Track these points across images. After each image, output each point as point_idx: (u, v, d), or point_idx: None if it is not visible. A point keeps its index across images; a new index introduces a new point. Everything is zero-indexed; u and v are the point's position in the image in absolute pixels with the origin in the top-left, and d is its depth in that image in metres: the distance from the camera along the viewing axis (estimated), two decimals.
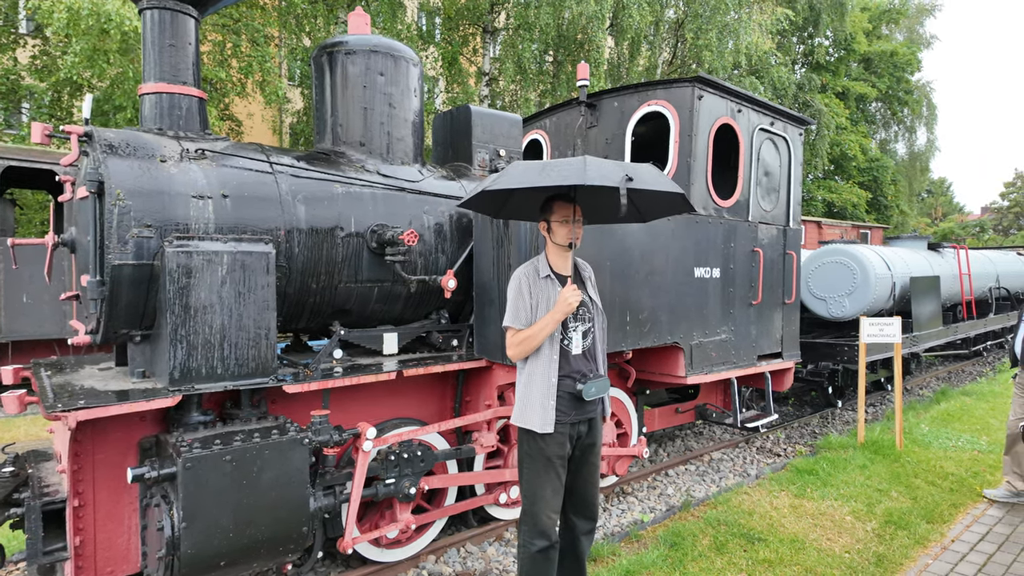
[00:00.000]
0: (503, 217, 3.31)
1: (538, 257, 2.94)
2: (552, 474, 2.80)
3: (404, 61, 4.12)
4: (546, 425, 2.75)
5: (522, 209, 3.22)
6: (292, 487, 2.99)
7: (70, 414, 2.61)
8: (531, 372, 2.83)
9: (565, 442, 2.82)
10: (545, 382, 2.78)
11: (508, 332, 2.85)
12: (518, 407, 2.87)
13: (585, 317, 2.89)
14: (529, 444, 2.83)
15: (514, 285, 2.85)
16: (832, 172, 26.98)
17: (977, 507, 4.74)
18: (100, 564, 2.96)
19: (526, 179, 2.59)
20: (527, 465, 2.84)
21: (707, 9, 15.42)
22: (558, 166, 2.58)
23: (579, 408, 2.84)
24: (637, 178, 2.53)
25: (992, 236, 40.51)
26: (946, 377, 11.35)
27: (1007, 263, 12.96)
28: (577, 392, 2.79)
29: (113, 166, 2.95)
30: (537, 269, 2.88)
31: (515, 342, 2.81)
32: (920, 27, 31.27)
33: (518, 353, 2.82)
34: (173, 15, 3.37)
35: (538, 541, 2.79)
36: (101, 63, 10.15)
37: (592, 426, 2.92)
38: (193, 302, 2.86)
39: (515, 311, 2.81)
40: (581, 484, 2.94)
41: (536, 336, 2.75)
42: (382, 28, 13.50)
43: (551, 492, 2.81)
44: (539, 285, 2.83)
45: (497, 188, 2.67)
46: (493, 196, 3.03)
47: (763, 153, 5.64)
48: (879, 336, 6.15)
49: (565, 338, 2.83)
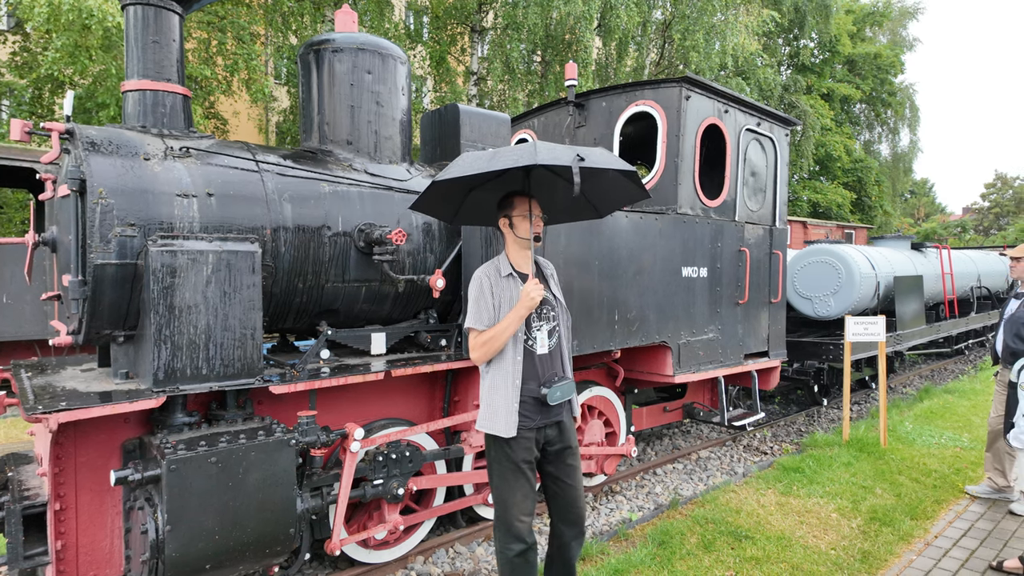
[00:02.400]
0: (459, 223, 3.22)
1: (498, 257, 2.88)
2: (521, 479, 2.76)
3: (392, 59, 4.09)
4: (510, 429, 2.70)
5: (477, 212, 3.15)
6: (279, 489, 2.96)
7: (51, 416, 2.56)
8: (495, 375, 2.77)
9: (532, 446, 2.78)
10: (509, 385, 2.72)
11: (470, 334, 2.78)
12: (483, 412, 2.81)
13: (549, 316, 2.84)
14: (496, 450, 2.78)
15: (475, 285, 2.78)
16: (817, 173, 27.27)
17: (959, 503, 4.80)
18: (82, 568, 2.91)
19: (477, 166, 2.52)
20: (495, 471, 2.80)
21: (694, 10, 15.53)
22: (509, 151, 2.53)
23: (544, 412, 2.79)
24: (589, 158, 2.49)
25: (973, 236, 41.16)
26: (929, 375, 11.51)
27: (988, 263, 13.17)
28: (542, 396, 2.74)
29: (95, 164, 2.90)
30: (498, 268, 2.82)
31: (478, 344, 2.73)
32: (903, 30, 31.70)
33: (482, 355, 2.75)
34: (156, 11, 3.32)
35: (514, 545, 2.75)
36: (83, 59, 10.00)
37: (561, 429, 2.87)
38: (177, 302, 2.82)
39: (477, 312, 2.75)
40: (563, 489, 2.88)
41: (500, 336, 2.68)
42: (369, 27, 13.44)
43: (521, 496, 2.76)
44: (501, 284, 2.78)
45: (448, 178, 2.59)
46: (447, 196, 2.96)
47: (750, 153, 5.68)
48: (864, 335, 6.21)
49: (529, 338, 2.78)
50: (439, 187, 2.82)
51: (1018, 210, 41.53)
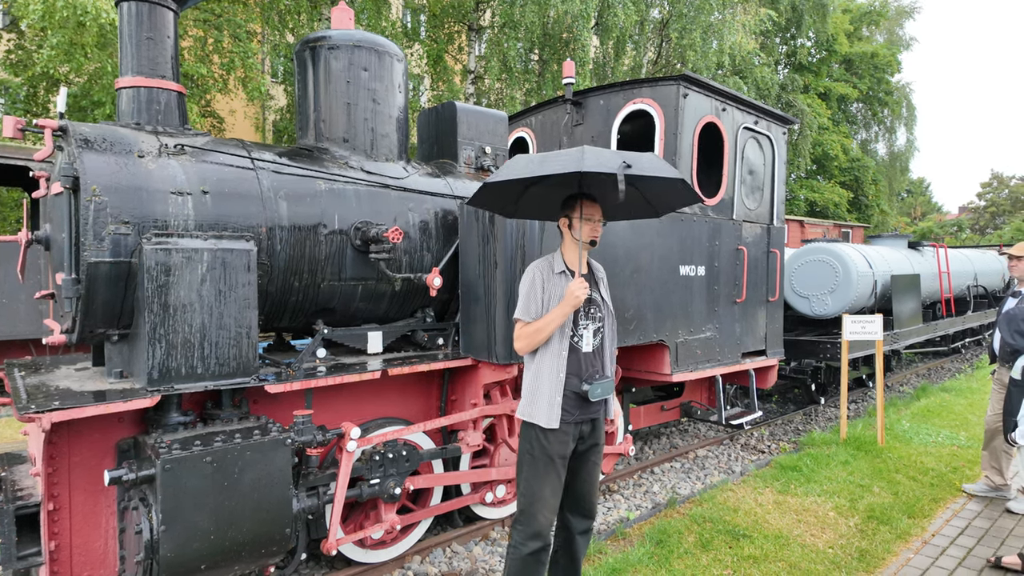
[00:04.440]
0: (518, 216, 3.32)
1: (553, 254, 2.93)
2: (553, 474, 2.77)
3: (388, 56, 4.07)
4: (552, 420, 2.73)
5: (535, 207, 3.22)
6: (274, 488, 2.94)
7: (44, 415, 2.54)
8: (539, 366, 2.80)
9: (568, 441, 2.80)
10: (553, 377, 2.76)
11: (516, 324, 2.83)
12: (525, 401, 2.84)
13: (596, 316, 2.88)
14: (532, 441, 2.79)
15: (528, 278, 2.84)
16: (814, 172, 27.32)
17: (957, 501, 4.81)
18: (76, 568, 2.89)
19: (529, 170, 2.62)
20: (528, 463, 2.80)
21: (691, 9, 15.52)
22: (557, 156, 2.62)
23: (583, 408, 2.81)
24: (635, 165, 2.54)
25: (969, 235, 41.28)
26: (926, 374, 11.53)
27: (985, 262, 13.20)
28: (583, 392, 2.76)
29: (89, 161, 2.88)
30: (552, 265, 2.87)
31: (523, 334, 2.79)
32: (900, 29, 31.77)
33: (525, 346, 2.80)
34: (151, 7, 3.30)
35: (531, 543, 2.75)
36: (78, 57, 9.95)
37: (595, 426, 2.91)
38: (172, 300, 2.80)
39: (526, 303, 2.80)
40: (581, 483, 2.92)
41: (544, 329, 2.72)
42: (366, 25, 13.39)
43: (550, 492, 2.78)
44: (553, 280, 2.83)
45: (500, 180, 2.69)
46: (503, 193, 3.03)
47: (747, 152, 5.67)
48: (861, 333, 6.22)
49: (575, 335, 2.81)
50: (492, 187, 2.91)
51: (1014, 209, 41.66)
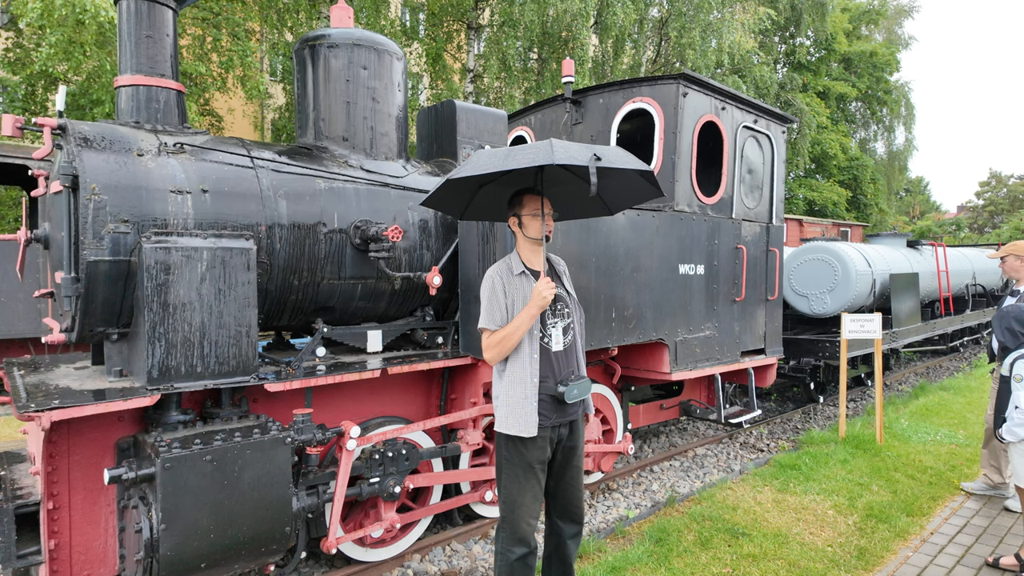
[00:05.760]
0: (467, 218, 3.20)
1: (510, 255, 2.84)
2: (532, 480, 2.73)
3: (387, 55, 4.07)
4: (530, 428, 2.66)
5: (486, 208, 3.13)
6: (274, 487, 2.94)
7: (44, 414, 2.54)
8: (511, 374, 2.72)
9: (546, 447, 2.75)
10: (526, 383, 2.68)
11: (484, 334, 2.74)
12: (500, 412, 2.76)
13: (564, 312, 2.81)
14: (509, 449, 2.73)
15: (487, 285, 2.75)
16: (813, 171, 27.33)
17: (955, 500, 4.81)
18: (76, 567, 2.89)
19: (492, 165, 2.48)
20: (506, 471, 2.76)
21: (690, 8, 15.51)
22: (524, 150, 2.49)
23: (560, 411, 2.75)
24: (606, 157, 2.45)
25: (968, 234, 41.30)
26: (924, 372, 11.55)
27: (983, 260, 13.20)
28: (559, 395, 2.70)
29: (88, 159, 2.87)
30: (510, 267, 2.79)
31: (492, 343, 2.69)
32: (899, 28, 31.79)
33: (495, 355, 2.71)
34: (150, 6, 3.29)
35: (517, 549, 2.72)
36: (77, 55, 9.92)
37: (573, 428, 2.84)
38: (172, 299, 2.80)
39: (489, 311, 2.71)
40: (565, 488, 2.86)
41: (513, 335, 2.64)
42: (365, 23, 13.38)
43: (531, 498, 2.73)
44: (514, 283, 2.75)
45: (463, 176, 2.56)
46: (456, 193, 2.94)
47: (747, 151, 5.67)
48: (860, 332, 6.22)
49: (545, 335, 2.74)
50: (452, 185, 2.79)
51: (1012, 208, 41.70)
